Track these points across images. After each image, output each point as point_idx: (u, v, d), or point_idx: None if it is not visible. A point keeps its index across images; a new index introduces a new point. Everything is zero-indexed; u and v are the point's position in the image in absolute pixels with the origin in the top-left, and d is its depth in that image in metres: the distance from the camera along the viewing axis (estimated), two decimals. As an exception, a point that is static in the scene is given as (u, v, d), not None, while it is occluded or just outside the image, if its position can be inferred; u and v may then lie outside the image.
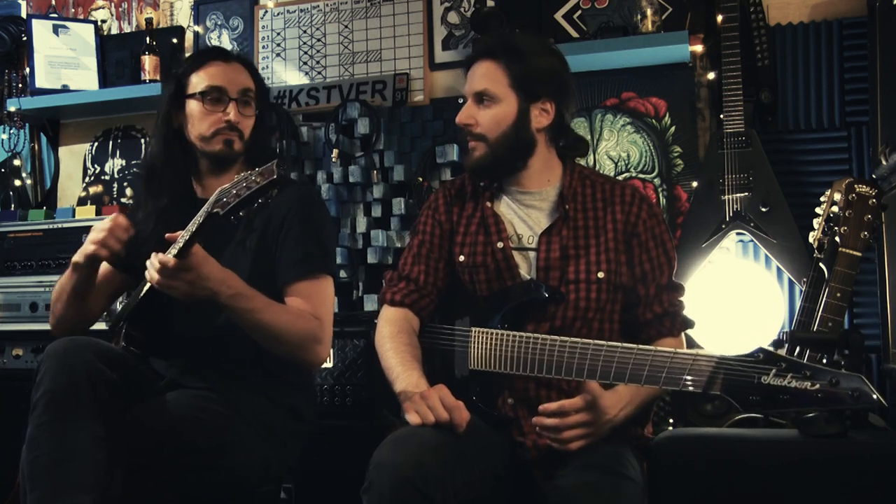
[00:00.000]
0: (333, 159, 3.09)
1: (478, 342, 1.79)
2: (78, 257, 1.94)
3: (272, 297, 1.91)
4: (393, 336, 1.87)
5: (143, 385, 1.84)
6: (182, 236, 1.70)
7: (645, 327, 1.85)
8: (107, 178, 3.65)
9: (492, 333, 1.77)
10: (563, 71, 1.91)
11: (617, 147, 2.96)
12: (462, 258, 1.92)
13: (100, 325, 2.83)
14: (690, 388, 1.53)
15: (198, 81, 2.01)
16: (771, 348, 1.49)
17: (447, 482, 1.54)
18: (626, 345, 1.62)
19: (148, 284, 1.85)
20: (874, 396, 1.39)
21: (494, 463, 1.72)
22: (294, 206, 1.96)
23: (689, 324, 1.88)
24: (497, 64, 1.85)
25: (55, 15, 3.69)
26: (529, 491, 1.74)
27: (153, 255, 1.73)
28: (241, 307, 1.80)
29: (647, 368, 1.57)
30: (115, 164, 3.65)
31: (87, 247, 1.91)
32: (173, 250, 1.70)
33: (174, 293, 1.74)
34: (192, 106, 2.01)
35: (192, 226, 1.68)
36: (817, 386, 1.41)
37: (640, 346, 1.60)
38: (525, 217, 1.91)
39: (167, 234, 1.74)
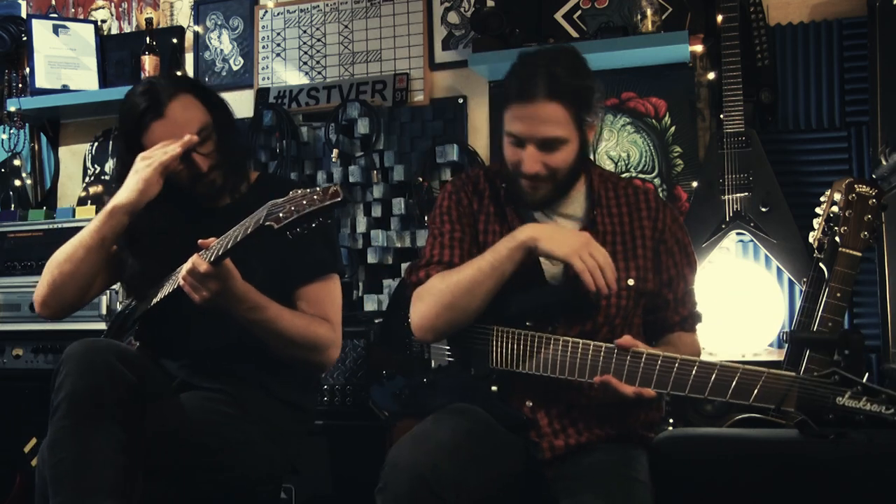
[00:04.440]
0: (333, 159, 3.09)
1: (499, 341, 1.77)
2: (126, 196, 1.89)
3: (284, 294, 1.93)
4: (442, 275, 1.80)
5: (156, 386, 1.83)
6: (220, 244, 1.69)
7: (670, 329, 1.86)
8: (107, 178, 3.65)
9: (516, 333, 1.75)
10: (598, 82, 1.82)
11: (617, 147, 2.96)
12: None
13: (100, 326, 2.85)
14: (764, 403, 1.56)
15: (150, 141, 1.91)
16: (845, 372, 1.52)
17: (462, 484, 1.53)
18: (684, 356, 1.62)
19: (169, 288, 1.86)
20: None
21: (508, 464, 1.71)
22: None
23: (700, 318, 1.90)
24: (562, 105, 1.73)
25: (55, 15, 3.69)
26: (541, 493, 1.73)
27: (195, 255, 1.72)
28: (255, 318, 1.82)
29: (712, 380, 1.58)
30: (115, 164, 3.64)
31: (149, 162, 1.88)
32: (209, 255, 1.70)
33: (193, 297, 1.75)
34: None
35: (238, 235, 1.66)
36: (892, 410, 1.46)
37: (704, 361, 1.61)
38: (554, 224, 1.87)
39: (200, 241, 1.73)
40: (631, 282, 1.80)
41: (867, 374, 2.57)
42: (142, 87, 1.95)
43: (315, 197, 1.58)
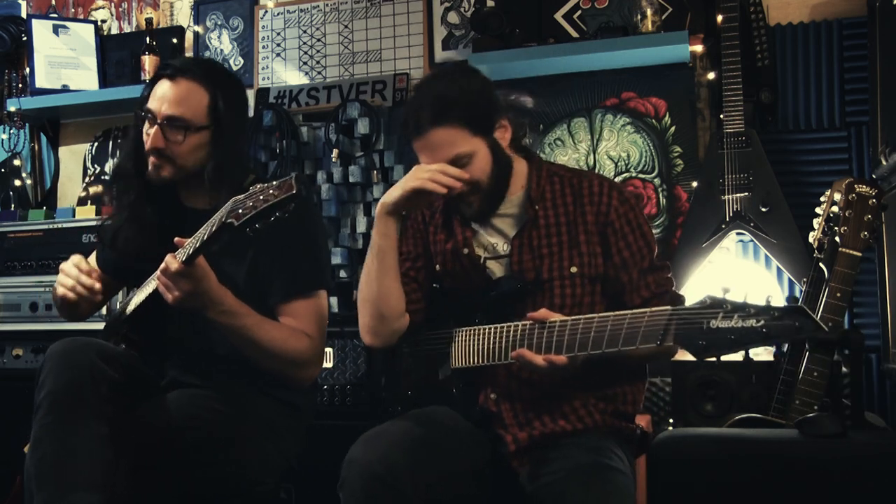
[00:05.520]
0: (333, 159, 3.09)
1: (458, 341, 1.84)
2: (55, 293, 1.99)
3: (266, 306, 1.91)
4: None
5: (144, 384, 1.84)
6: (191, 243, 1.69)
7: None
8: (107, 178, 3.65)
9: (471, 331, 1.81)
10: (490, 86, 1.88)
11: (617, 147, 2.96)
12: (438, 267, 1.95)
13: (101, 326, 2.85)
14: (649, 343, 1.54)
15: (149, 98, 1.94)
16: (718, 295, 1.50)
17: (418, 477, 1.58)
18: (586, 316, 1.64)
19: (150, 287, 1.86)
20: (815, 323, 1.39)
21: (473, 459, 1.74)
22: (290, 221, 1.92)
23: (679, 300, 1.87)
24: (450, 126, 1.79)
25: (55, 15, 3.69)
26: (511, 487, 1.74)
27: (168, 255, 1.71)
28: (230, 324, 1.80)
29: (607, 333, 1.59)
30: (115, 164, 3.65)
31: (57, 288, 1.96)
32: (181, 255, 1.70)
33: (166, 296, 1.74)
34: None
35: (205, 234, 1.66)
36: (762, 322, 1.42)
37: (601, 315, 1.62)
38: (497, 226, 1.92)
39: (176, 239, 1.72)
40: (574, 269, 1.82)
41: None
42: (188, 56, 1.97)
43: (272, 192, 1.59)
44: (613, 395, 1.83)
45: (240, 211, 1.60)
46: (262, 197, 1.60)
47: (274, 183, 1.61)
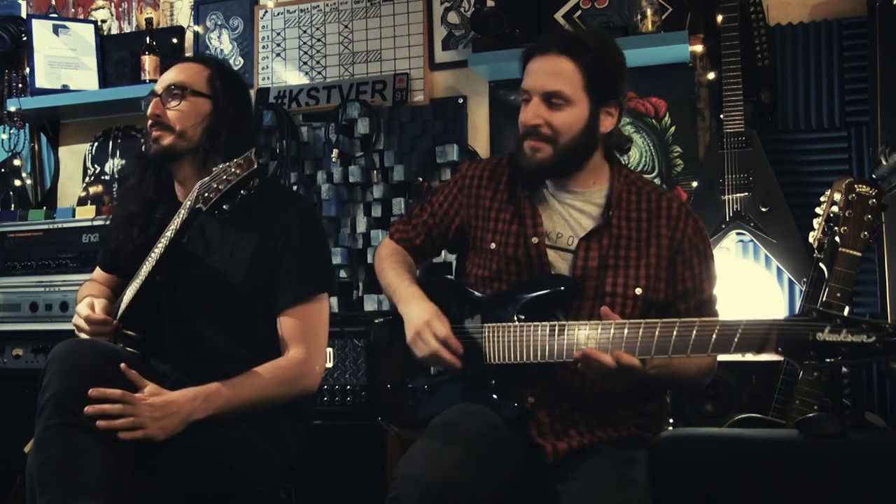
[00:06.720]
0: (333, 159, 3.10)
1: (493, 337, 1.74)
2: None
3: (264, 307, 1.90)
4: (391, 254, 2.00)
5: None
6: (159, 245, 1.69)
7: None
8: (107, 178, 3.65)
9: (508, 327, 1.72)
10: (625, 68, 1.82)
11: (617, 147, 2.96)
12: (493, 245, 1.84)
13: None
14: (745, 351, 1.54)
15: None
16: (822, 308, 1.50)
17: (475, 494, 1.52)
18: (665, 320, 1.60)
19: (138, 283, 1.84)
20: None
21: (512, 468, 1.69)
22: (292, 225, 1.92)
23: None
24: (572, 62, 1.73)
25: (55, 15, 3.69)
26: (545, 495, 1.72)
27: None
28: (216, 407, 1.78)
29: (692, 338, 1.56)
30: (115, 164, 3.65)
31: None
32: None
33: (132, 434, 1.67)
34: None
35: (176, 224, 1.67)
36: (874, 338, 1.42)
37: (682, 320, 1.59)
38: (566, 217, 1.83)
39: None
40: (639, 291, 1.75)
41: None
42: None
43: (234, 170, 1.62)
44: (645, 403, 1.81)
45: (206, 195, 1.62)
46: (224, 177, 1.62)
47: (235, 161, 1.64)
